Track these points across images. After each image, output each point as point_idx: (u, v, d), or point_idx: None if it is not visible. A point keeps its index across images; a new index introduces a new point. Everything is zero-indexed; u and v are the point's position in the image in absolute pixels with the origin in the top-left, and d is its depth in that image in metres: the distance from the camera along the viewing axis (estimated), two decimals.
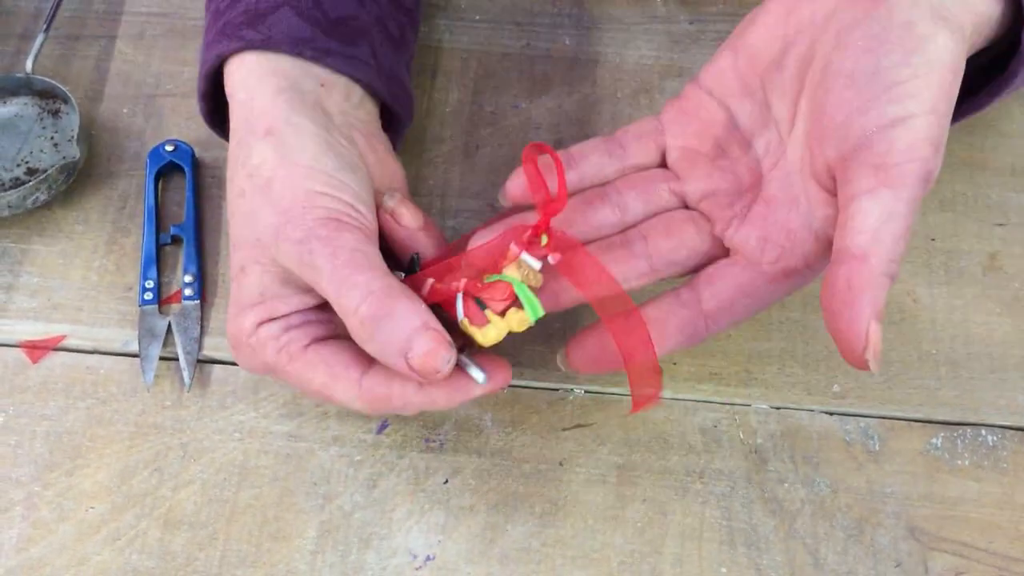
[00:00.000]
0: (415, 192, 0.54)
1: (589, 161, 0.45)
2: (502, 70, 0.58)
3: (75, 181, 0.54)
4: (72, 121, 0.54)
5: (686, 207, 0.45)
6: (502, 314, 0.41)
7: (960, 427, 0.48)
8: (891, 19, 0.37)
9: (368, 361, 0.41)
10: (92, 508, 0.47)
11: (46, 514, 0.47)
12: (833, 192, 0.39)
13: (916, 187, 0.36)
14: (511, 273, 0.41)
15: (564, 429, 0.49)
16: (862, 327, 0.35)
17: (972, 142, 0.55)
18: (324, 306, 0.42)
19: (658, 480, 0.47)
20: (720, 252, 0.43)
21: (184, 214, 0.53)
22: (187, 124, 0.57)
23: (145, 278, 0.51)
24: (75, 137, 0.53)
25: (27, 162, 0.54)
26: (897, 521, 0.46)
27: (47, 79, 0.55)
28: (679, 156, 0.45)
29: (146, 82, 0.58)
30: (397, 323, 0.38)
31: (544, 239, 0.41)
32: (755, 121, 0.43)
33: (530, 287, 0.41)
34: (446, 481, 0.48)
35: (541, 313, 0.41)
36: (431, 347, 0.38)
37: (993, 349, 0.50)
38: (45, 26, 0.56)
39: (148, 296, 0.51)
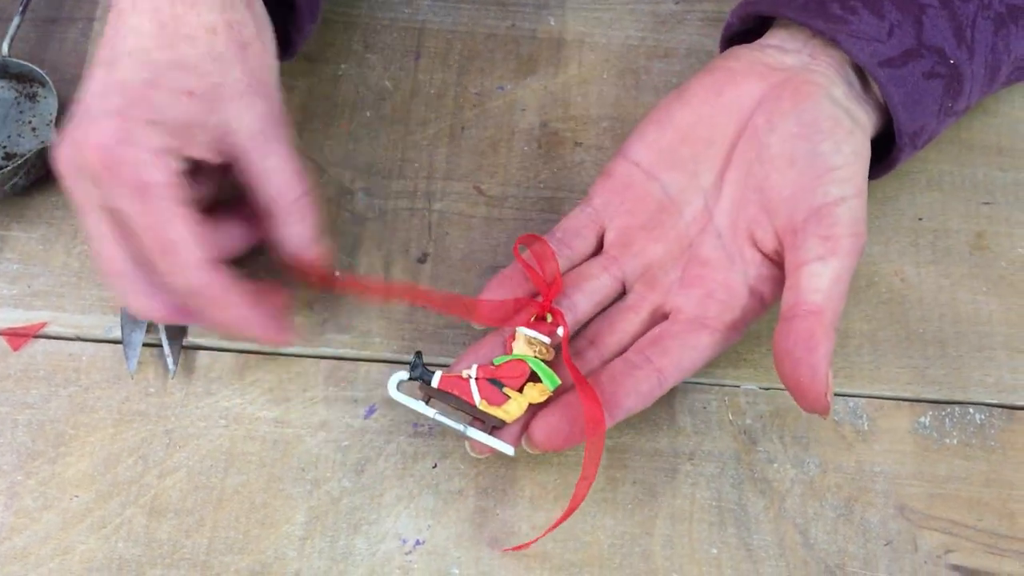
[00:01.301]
0: (400, 175, 0.54)
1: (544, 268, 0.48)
2: (487, 51, 0.58)
3: None
4: (50, 105, 0.53)
5: (624, 288, 0.48)
6: (520, 390, 0.44)
7: (948, 405, 0.49)
8: (820, 112, 0.44)
9: (215, 248, 0.42)
10: (76, 496, 0.46)
11: (29, 503, 0.46)
12: (769, 255, 0.45)
13: (854, 257, 0.42)
14: (521, 350, 0.44)
15: None
16: (824, 371, 0.41)
17: (959, 123, 0.55)
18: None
19: (648, 462, 0.47)
20: (659, 320, 0.46)
21: None
22: None
23: None
24: (53, 121, 0.52)
25: (4, 147, 0.53)
26: (886, 500, 0.46)
27: (24, 62, 0.54)
28: (615, 237, 0.48)
29: None
30: (311, 224, 0.45)
31: (548, 317, 0.45)
32: (683, 191, 0.47)
33: (543, 360, 0.44)
34: (435, 465, 0.47)
35: (558, 382, 0.44)
36: (323, 251, 0.46)
37: (980, 328, 0.50)
38: (21, 8, 0.55)
39: None
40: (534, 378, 0.44)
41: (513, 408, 0.43)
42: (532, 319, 0.45)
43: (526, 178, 0.54)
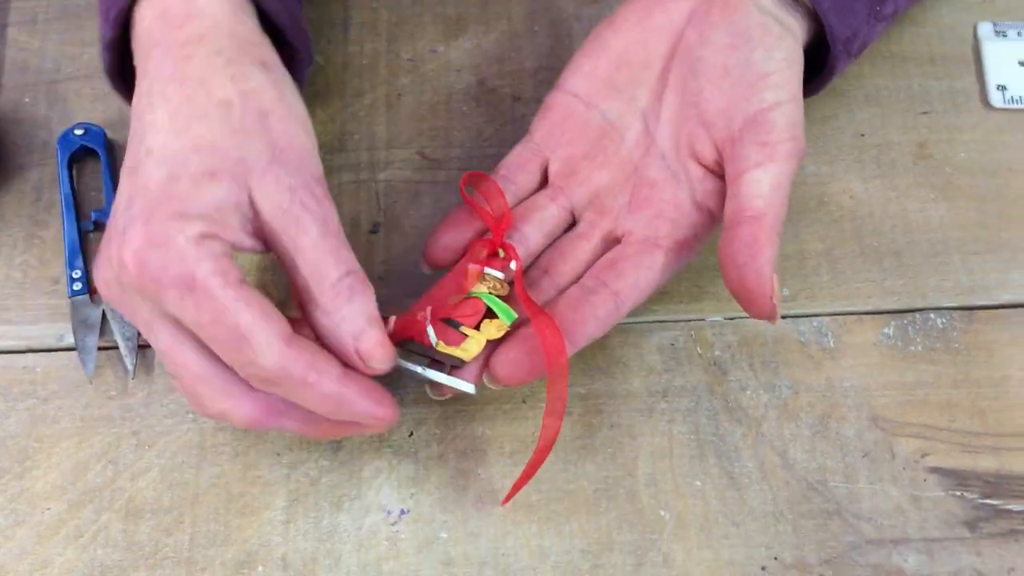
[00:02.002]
0: (341, 148, 0.53)
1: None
2: (414, 15, 0.57)
3: None
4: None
5: (573, 217, 0.47)
6: (476, 327, 0.43)
7: (909, 314, 0.49)
8: (749, 21, 0.44)
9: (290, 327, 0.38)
10: (48, 509, 0.45)
11: (0, 521, 0.45)
12: (711, 169, 0.45)
13: (793, 161, 0.43)
14: (478, 289, 0.43)
15: None
16: (768, 275, 0.41)
17: (889, 36, 0.55)
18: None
19: (622, 404, 0.47)
20: (611, 245, 0.46)
21: (104, 199, 0.51)
22: (94, 106, 0.54)
23: (72, 268, 0.49)
24: None
25: None
26: (859, 413, 0.47)
27: None
28: (560, 168, 0.47)
29: (45, 68, 0.55)
30: (363, 307, 0.39)
31: (500, 252, 0.44)
32: (622, 116, 0.47)
33: (498, 296, 0.43)
34: (411, 433, 0.47)
35: (514, 316, 0.43)
36: (382, 340, 0.39)
37: (932, 235, 0.51)
38: None
39: (77, 287, 0.49)
40: (490, 315, 0.43)
41: (471, 346, 0.42)
42: (484, 256, 0.44)
43: (469, 138, 0.53)
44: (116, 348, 0.48)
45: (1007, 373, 0.47)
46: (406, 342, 0.42)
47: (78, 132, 0.52)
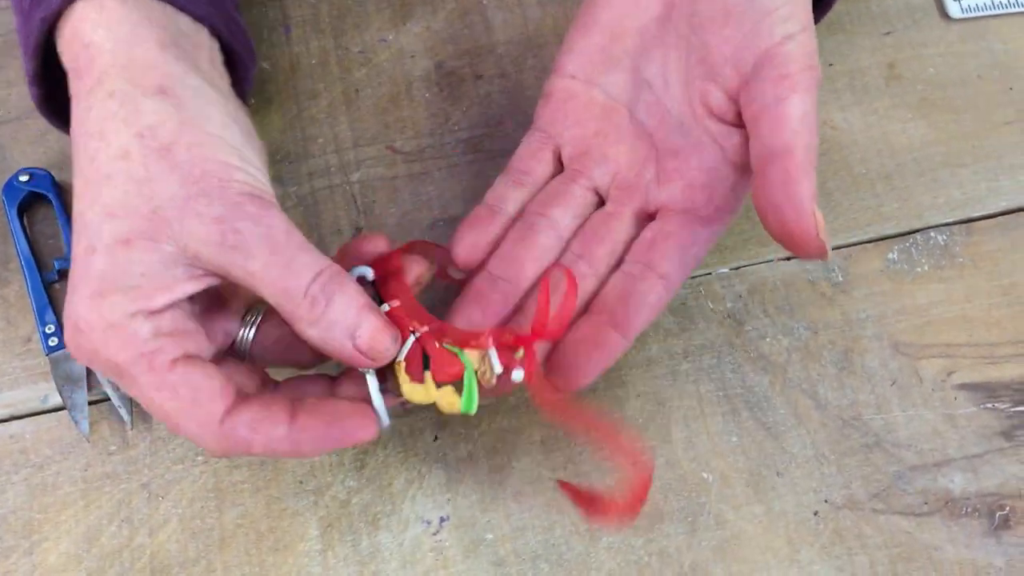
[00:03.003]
0: (307, 155, 0.50)
1: (508, 201, 0.44)
2: (356, 6, 0.54)
3: None
4: None
5: (600, 197, 0.45)
6: (438, 385, 0.38)
7: (910, 235, 0.49)
8: None
9: (232, 397, 0.36)
10: None
11: None
12: (734, 122, 0.42)
13: (814, 90, 0.40)
14: (471, 358, 0.39)
15: None
16: (809, 209, 0.38)
17: None
18: (202, 302, 0.38)
19: (645, 372, 0.46)
20: (645, 222, 0.44)
21: (64, 246, 0.48)
22: (33, 149, 0.51)
23: (43, 324, 0.46)
24: None
25: None
26: (880, 342, 0.47)
27: None
28: (572, 150, 0.45)
29: None
30: (347, 302, 0.36)
31: (520, 353, 0.39)
32: (625, 89, 0.45)
33: (479, 382, 0.39)
34: (436, 438, 0.45)
35: (473, 410, 0.39)
36: (379, 325, 0.37)
37: (917, 153, 0.51)
38: None
39: (53, 342, 0.46)
40: (458, 387, 0.39)
41: (417, 394, 0.38)
42: (499, 340, 0.39)
43: (437, 125, 0.51)
44: (108, 400, 0.45)
45: (1015, 279, 0.48)
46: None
47: (23, 179, 0.49)
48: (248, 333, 0.40)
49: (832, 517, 0.43)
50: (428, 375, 0.38)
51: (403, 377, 0.38)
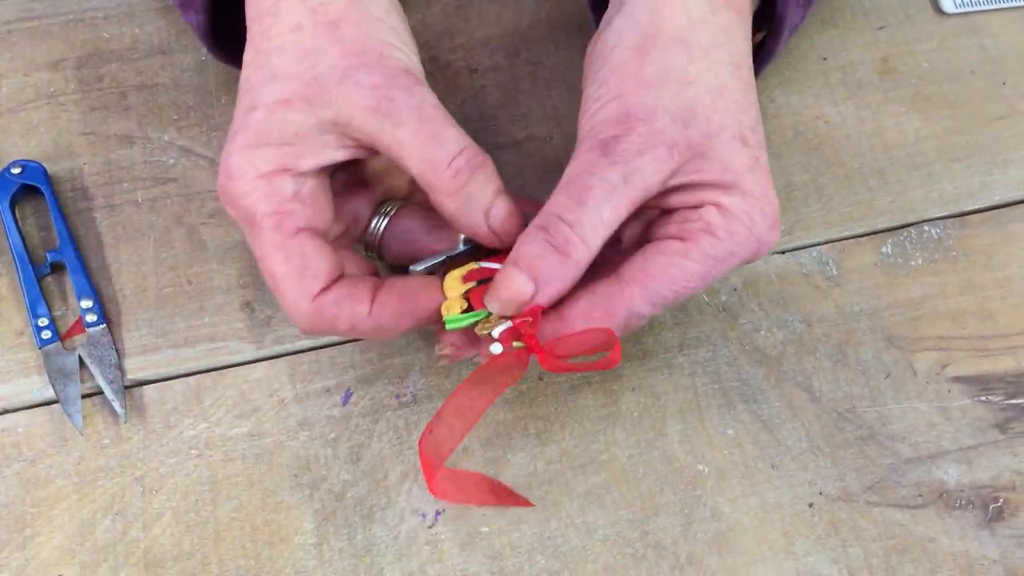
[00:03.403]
0: None
1: None
2: None
3: None
4: None
5: None
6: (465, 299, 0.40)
7: (904, 229, 0.49)
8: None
9: (332, 279, 0.39)
10: (61, 575, 0.42)
11: None
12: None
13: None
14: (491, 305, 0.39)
15: None
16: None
17: None
18: (343, 181, 0.42)
19: (640, 365, 0.46)
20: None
21: (56, 238, 0.47)
22: (24, 141, 0.50)
23: (36, 317, 0.46)
24: None
25: None
26: (874, 335, 0.47)
27: None
28: None
29: None
30: (487, 181, 0.38)
31: (518, 344, 0.39)
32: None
33: (475, 323, 0.39)
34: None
35: (449, 327, 0.39)
36: (512, 209, 0.39)
37: (910, 148, 0.51)
38: None
39: (46, 335, 0.46)
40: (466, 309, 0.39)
41: (453, 289, 0.40)
42: (517, 320, 0.39)
43: None
44: (101, 393, 0.45)
45: (1009, 272, 0.48)
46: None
47: (15, 171, 0.48)
48: (381, 224, 0.42)
49: (827, 509, 0.43)
50: (463, 285, 0.40)
51: (454, 283, 0.40)
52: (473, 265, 0.41)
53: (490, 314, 0.39)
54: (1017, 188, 0.50)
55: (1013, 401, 0.45)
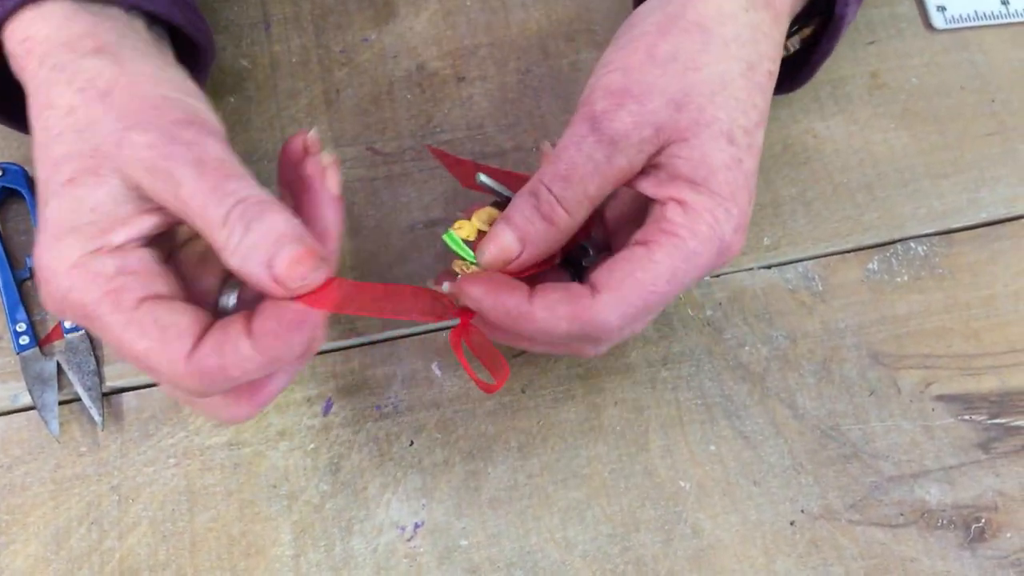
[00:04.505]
0: None
1: None
2: (338, 5, 0.54)
3: None
4: None
5: None
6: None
7: (890, 246, 0.49)
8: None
9: (200, 332, 0.35)
10: None
11: None
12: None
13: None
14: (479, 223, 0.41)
15: (515, 356, 0.46)
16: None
17: None
18: (165, 242, 0.38)
19: (624, 379, 0.46)
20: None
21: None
22: (6, 144, 0.50)
23: (14, 322, 0.45)
24: None
25: None
26: (859, 352, 0.46)
27: None
28: None
29: None
30: (267, 229, 0.34)
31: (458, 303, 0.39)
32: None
33: (458, 256, 0.41)
34: (411, 443, 0.44)
35: (451, 241, 0.41)
36: (297, 255, 0.34)
37: (898, 164, 0.51)
38: None
39: (24, 340, 0.45)
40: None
41: (464, 228, 0.41)
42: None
43: (419, 126, 0.51)
44: (79, 400, 0.44)
45: (993, 291, 0.48)
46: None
47: None
48: (230, 299, 0.39)
49: (808, 527, 0.43)
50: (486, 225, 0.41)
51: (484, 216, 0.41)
52: None
53: (475, 263, 0.39)
54: (1004, 206, 0.49)
55: (996, 421, 0.45)
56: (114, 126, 0.35)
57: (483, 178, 0.41)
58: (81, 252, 0.34)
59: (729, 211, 0.38)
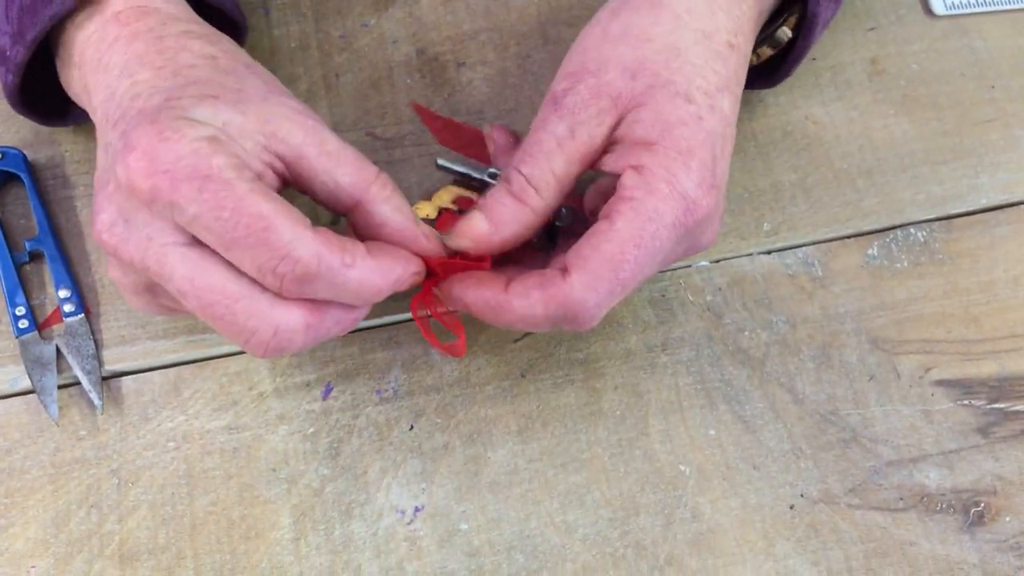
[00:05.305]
0: None
1: None
2: None
3: None
4: None
5: None
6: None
7: (890, 231, 0.49)
8: None
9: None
10: (34, 567, 0.41)
11: None
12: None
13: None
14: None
15: (515, 340, 0.46)
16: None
17: None
18: None
19: (624, 364, 0.46)
20: None
21: (36, 226, 0.47)
22: (5, 128, 0.50)
23: (13, 305, 0.45)
24: None
25: None
26: (859, 337, 0.46)
27: None
28: None
29: None
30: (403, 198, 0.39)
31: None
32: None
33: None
34: (411, 427, 0.44)
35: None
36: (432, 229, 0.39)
37: (898, 149, 0.50)
38: None
39: (23, 324, 0.45)
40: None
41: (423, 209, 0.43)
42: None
43: None
44: (78, 384, 0.44)
45: (993, 277, 0.48)
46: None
47: None
48: None
49: (808, 511, 0.43)
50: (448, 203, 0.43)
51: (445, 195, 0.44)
52: (472, 195, 0.43)
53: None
54: (1004, 192, 0.49)
55: (995, 406, 0.45)
56: (259, 84, 0.38)
57: (441, 162, 0.43)
58: (210, 133, 0.34)
59: (687, 165, 0.37)
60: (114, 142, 0.35)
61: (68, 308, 0.45)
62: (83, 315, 0.45)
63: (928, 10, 0.54)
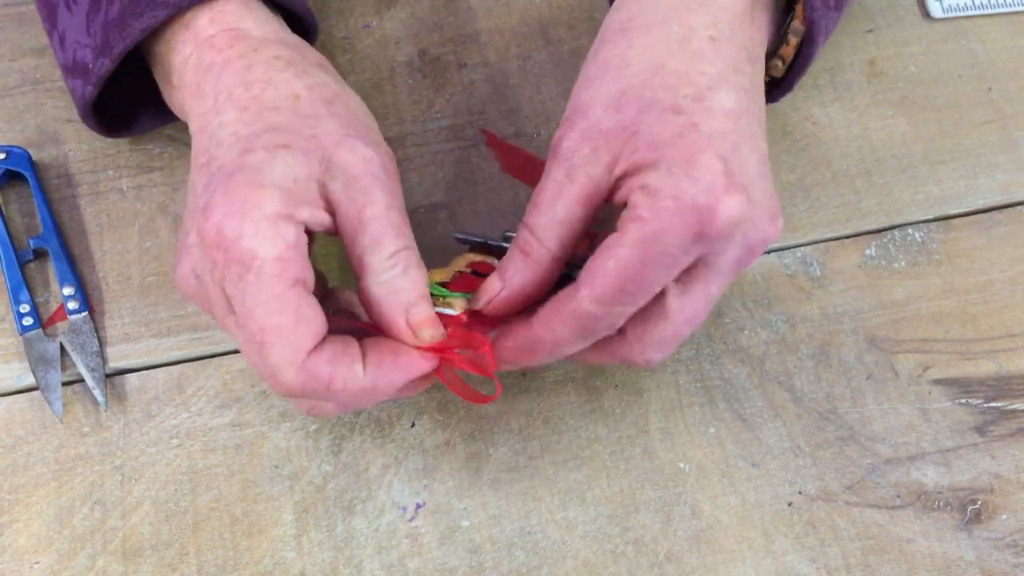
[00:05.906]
0: None
1: None
2: None
3: None
4: None
5: None
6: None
7: (888, 232, 0.49)
8: None
9: (322, 336, 0.37)
10: (37, 563, 0.42)
11: None
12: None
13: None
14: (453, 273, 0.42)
15: None
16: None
17: None
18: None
19: None
20: None
21: (40, 224, 0.47)
22: (10, 127, 0.50)
23: (17, 303, 0.46)
24: None
25: None
26: (857, 337, 0.47)
27: None
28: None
29: None
30: (415, 281, 0.38)
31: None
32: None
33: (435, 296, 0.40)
34: (413, 424, 0.45)
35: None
36: (431, 316, 0.38)
37: (897, 150, 0.51)
38: None
39: (27, 322, 0.45)
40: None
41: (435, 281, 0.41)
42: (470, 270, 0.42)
43: (420, 112, 0.51)
44: (82, 381, 0.45)
45: (990, 277, 0.48)
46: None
47: None
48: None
49: (806, 508, 0.43)
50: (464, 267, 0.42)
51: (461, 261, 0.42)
52: (490, 260, 0.42)
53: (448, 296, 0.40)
54: (1001, 193, 0.50)
55: (993, 404, 0.45)
56: (337, 128, 0.39)
57: (457, 234, 0.43)
58: (277, 209, 0.36)
59: (691, 175, 0.36)
60: (200, 193, 0.38)
61: (72, 305, 0.46)
62: (87, 312, 0.46)
63: (925, 13, 0.54)
